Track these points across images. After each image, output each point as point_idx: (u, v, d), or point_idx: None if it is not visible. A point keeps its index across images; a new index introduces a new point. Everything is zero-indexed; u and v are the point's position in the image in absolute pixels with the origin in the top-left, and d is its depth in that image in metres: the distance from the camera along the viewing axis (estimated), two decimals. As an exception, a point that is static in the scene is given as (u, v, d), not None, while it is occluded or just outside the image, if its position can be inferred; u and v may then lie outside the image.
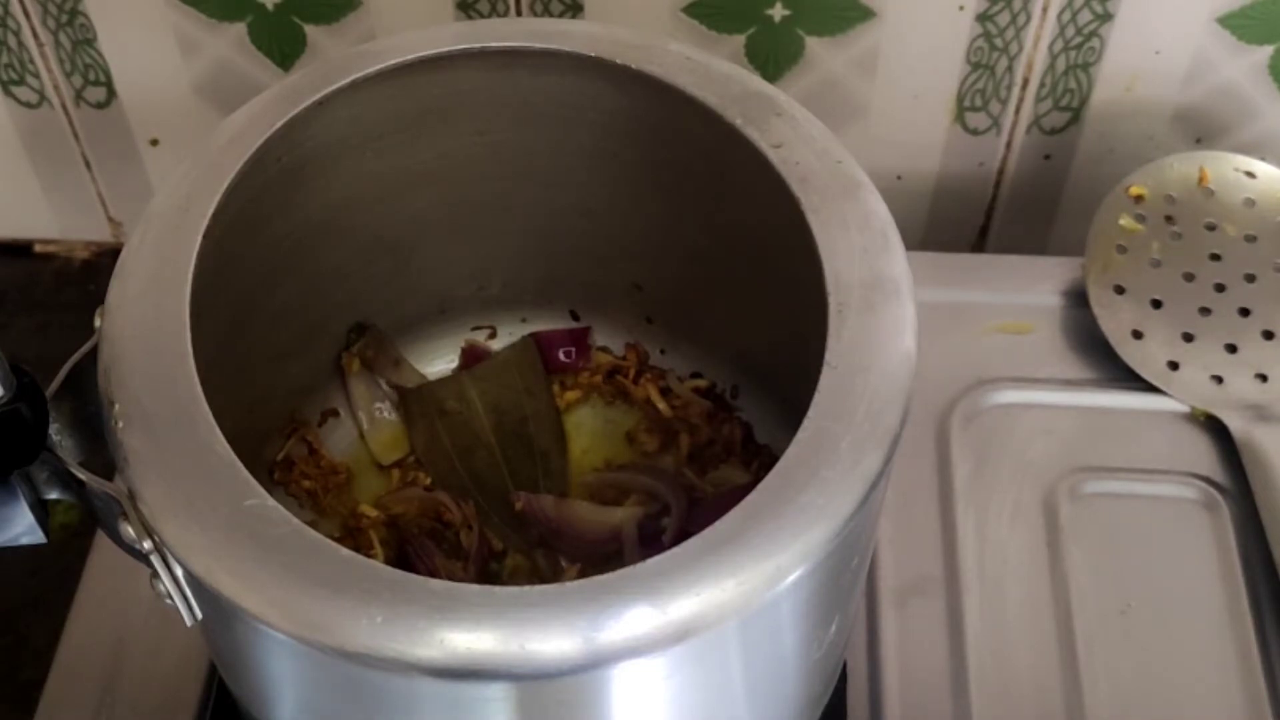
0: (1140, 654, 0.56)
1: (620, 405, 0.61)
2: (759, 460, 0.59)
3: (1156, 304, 0.64)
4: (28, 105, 0.72)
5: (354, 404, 0.60)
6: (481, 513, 0.57)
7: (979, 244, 0.77)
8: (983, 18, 0.66)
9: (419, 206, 0.56)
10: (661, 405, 0.60)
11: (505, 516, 0.57)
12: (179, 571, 0.40)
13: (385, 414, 0.60)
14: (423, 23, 0.67)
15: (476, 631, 0.36)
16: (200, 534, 0.38)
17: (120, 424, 0.40)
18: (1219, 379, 0.63)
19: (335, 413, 0.60)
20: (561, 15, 0.67)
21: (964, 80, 0.69)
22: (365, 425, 0.59)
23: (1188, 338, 0.63)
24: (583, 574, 0.54)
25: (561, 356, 0.62)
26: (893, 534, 0.59)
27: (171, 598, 0.41)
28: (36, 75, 0.71)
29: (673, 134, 0.51)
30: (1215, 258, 0.65)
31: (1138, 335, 0.64)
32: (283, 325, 0.54)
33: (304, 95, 0.48)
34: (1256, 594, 0.57)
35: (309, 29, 0.68)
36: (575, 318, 0.62)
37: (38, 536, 0.43)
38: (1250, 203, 0.66)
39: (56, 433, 0.42)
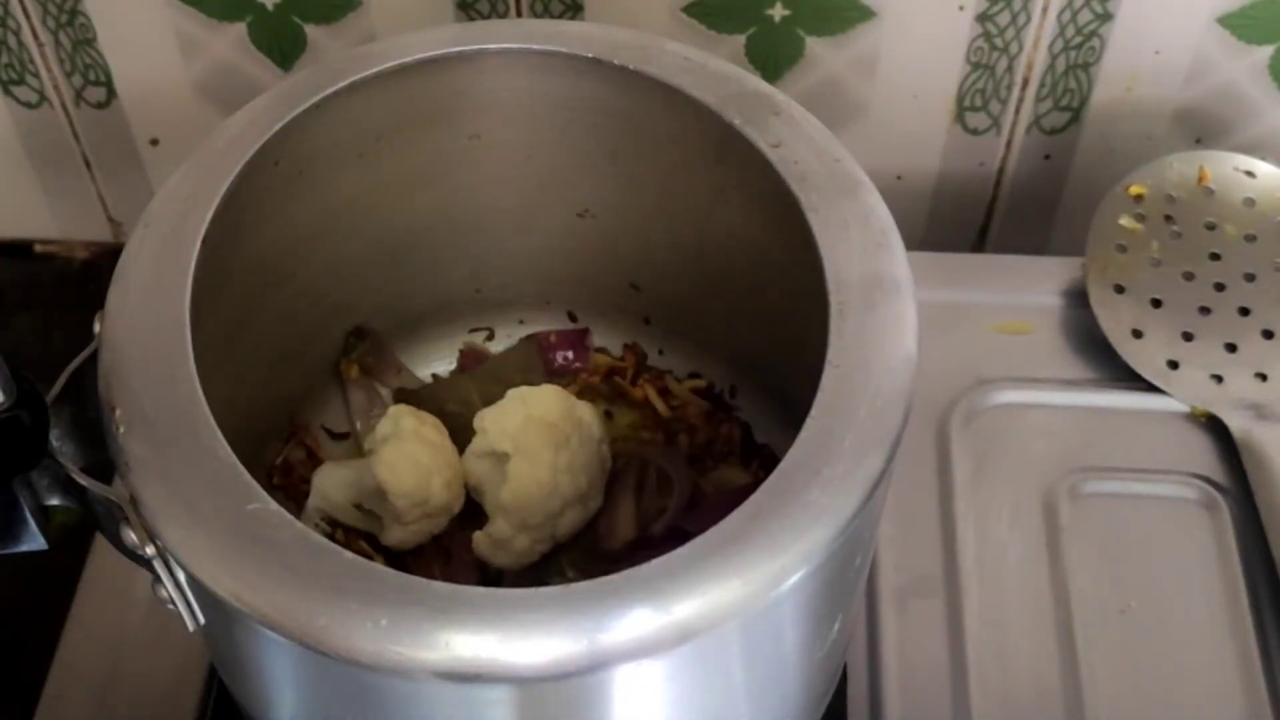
0: (1140, 654, 0.56)
1: (619, 406, 0.61)
2: (758, 460, 0.59)
3: (1156, 303, 0.64)
4: (28, 105, 0.72)
5: (353, 410, 0.60)
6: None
7: (979, 244, 0.77)
8: (983, 18, 0.66)
9: (417, 208, 0.56)
10: (660, 406, 0.60)
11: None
12: (181, 576, 0.40)
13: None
14: (423, 23, 0.67)
15: (481, 634, 0.36)
16: (203, 538, 0.38)
17: (121, 429, 0.40)
18: (1219, 378, 0.63)
19: (334, 416, 0.60)
20: (561, 15, 0.67)
21: (964, 80, 0.69)
22: (364, 430, 0.59)
23: (1187, 337, 0.63)
24: (585, 575, 0.55)
25: (560, 358, 0.62)
26: (893, 534, 0.59)
27: (174, 602, 0.41)
28: (36, 75, 0.71)
29: (671, 134, 0.51)
30: (1215, 257, 0.65)
31: (1138, 335, 0.64)
32: (282, 328, 0.54)
33: (303, 97, 0.48)
34: (1256, 594, 0.58)
35: (309, 29, 0.68)
36: (573, 319, 0.62)
37: (39, 543, 0.43)
38: (1250, 203, 0.66)
39: (57, 438, 0.42)
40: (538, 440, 0.53)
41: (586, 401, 0.57)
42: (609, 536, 0.56)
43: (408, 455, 0.53)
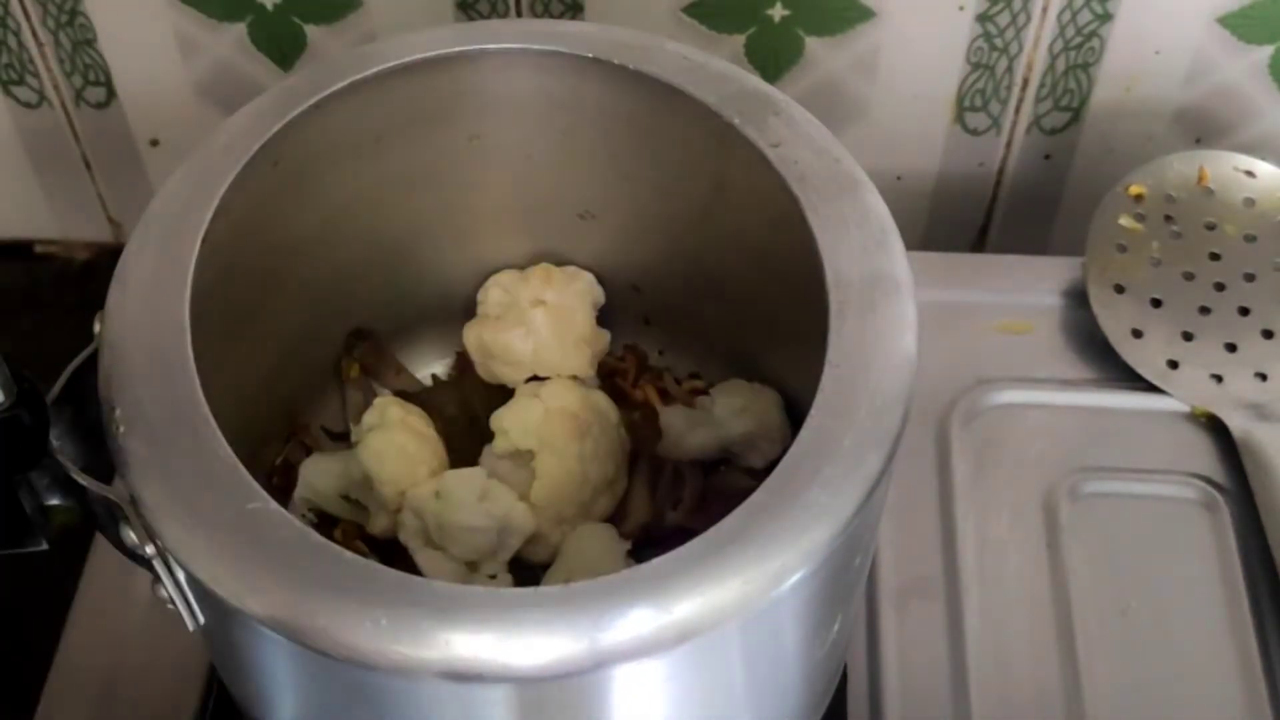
0: (1140, 654, 0.56)
1: (619, 407, 0.61)
2: (759, 460, 0.59)
3: (1156, 303, 0.64)
4: (28, 105, 0.72)
5: (351, 410, 0.60)
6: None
7: (979, 244, 0.77)
8: (983, 18, 0.66)
9: (417, 209, 0.56)
10: (660, 407, 0.60)
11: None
12: (181, 576, 0.40)
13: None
14: (423, 23, 0.67)
15: (480, 633, 0.36)
16: (202, 538, 0.38)
17: (121, 429, 0.40)
18: (1219, 378, 0.63)
19: (334, 416, 0.60)
20: (561, 15, 0.67)
21: (964, 80, 0.69)
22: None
23: (1187, 337, 0.63)
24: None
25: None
26: (893, 534, 0.59)
27: (174, 602, 0.41)
28: (36, 75, 0.71)
29: (671, 134, 0.51)
30: (1215, 257, 0.65)
31: (1138, 334, 0.64)
32: (281, 329, 0.54)
33: (303, 97, 0.48)
34: (1256, 594, 0.58)
35: (309, 29, 0.68)
36: (574, 319, 0.62)
37: (39, 543, 0.43)
38: (1250, 202, 0.66)
39: (57, 438, 0.42)
40: (561, 432, 0.53)
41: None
42: (623, 520, 0.56)
43: (394, 443, 0.53)
